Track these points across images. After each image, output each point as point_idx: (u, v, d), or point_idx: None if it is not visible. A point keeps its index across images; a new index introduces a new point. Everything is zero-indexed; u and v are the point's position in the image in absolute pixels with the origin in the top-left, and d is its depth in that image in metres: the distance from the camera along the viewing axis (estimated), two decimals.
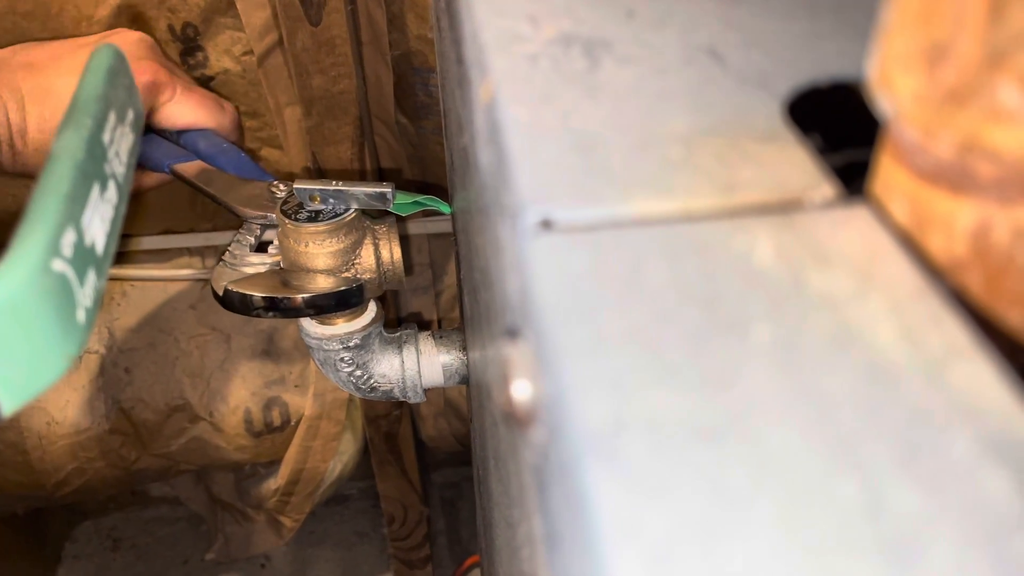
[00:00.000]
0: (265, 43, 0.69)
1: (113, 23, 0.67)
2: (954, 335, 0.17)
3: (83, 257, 0.21)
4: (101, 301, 0.22)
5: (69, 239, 0.21)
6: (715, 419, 0.16)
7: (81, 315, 0.21)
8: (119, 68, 0.25)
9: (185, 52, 0.71)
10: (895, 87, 0.18)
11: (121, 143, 0.25)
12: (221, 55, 0.72)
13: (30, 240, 0.20)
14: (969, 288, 0.19)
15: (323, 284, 0.56)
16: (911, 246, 0.19)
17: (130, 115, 0.26)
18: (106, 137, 0.24)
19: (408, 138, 0.81)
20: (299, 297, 0.55)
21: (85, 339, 0.21)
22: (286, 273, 0.57)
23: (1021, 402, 0.16)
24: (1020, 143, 0.16)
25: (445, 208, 0.59)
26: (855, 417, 0.16)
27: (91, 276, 0.22)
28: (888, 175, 0.20)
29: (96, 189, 0.23)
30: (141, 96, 0.44)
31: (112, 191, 0.24)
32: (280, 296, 0.54)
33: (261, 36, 0.69)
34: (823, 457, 0.15)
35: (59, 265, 0.20)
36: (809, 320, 0.18)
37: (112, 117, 0.24)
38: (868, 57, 0.19)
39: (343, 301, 0.57)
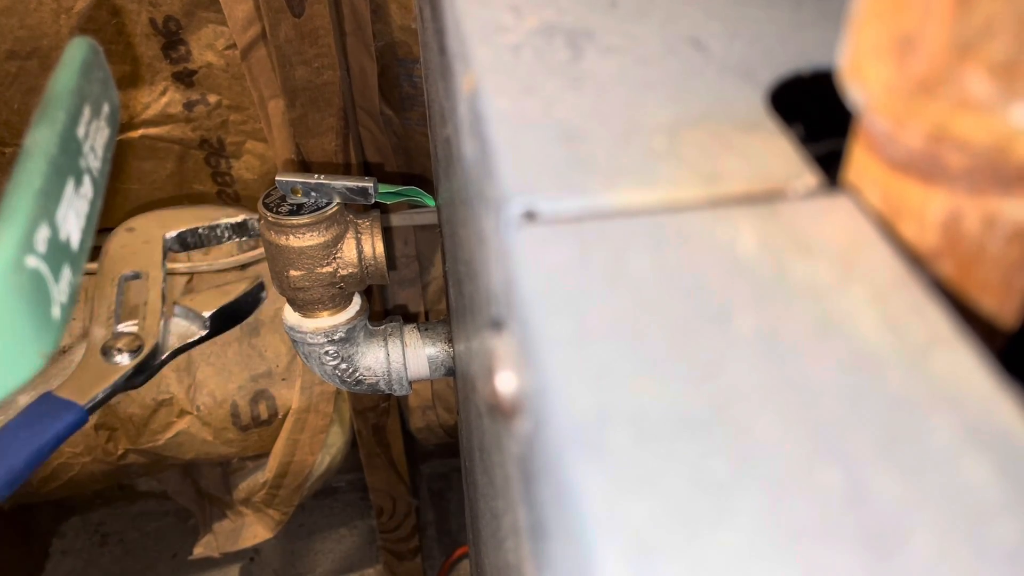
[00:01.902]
0: (248, 36, 0.69)
1: (92, 16, 0.67)
2: (935, 323, 0.17)
3: (58, 253, 0.21)
4: (77, 297, 0.22)
5: (43, 235, 0.20)
6: (698, 409, 0.16)
7: (56, 311, 0.20)
8: (94, 61, 0.25)
9: (167, 46, 0.71)
10: (866, 77, 0.18)
11: (96, 137, 0.24)
12: (204, 49, 0.71)
13: (2, 237, 0.19)
14: (943, 276, 0.19)
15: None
16: (890, 235, 0.19)
17: (105, 109, 0.25)
18: (81, 131, 0.24)
19: (393, 129, 0.81)
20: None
21: (60, 335, 0.21)
22: None
23: (1001, 389, 0.16)
24: (988, 133, 0.16)
25: (429, 201, 0.59)
26: (837, 406, 0.16)
27: (66, 272, 0.21)
28: (861, 165, 0.20)
29: (71, 184, 0.23)
30: None
31: (87, 186, 0.23)
32: None
33: (244, 29, 0.68)
34: (806, 446, 0.15)
35: (33, 261, 0.20)
36: (792, 309, 0.18)
37: (87, 111, 0.24)
38: (840, 47, 0.19)
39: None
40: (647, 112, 0.24)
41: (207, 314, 0.52)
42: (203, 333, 0.52)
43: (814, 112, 0.25)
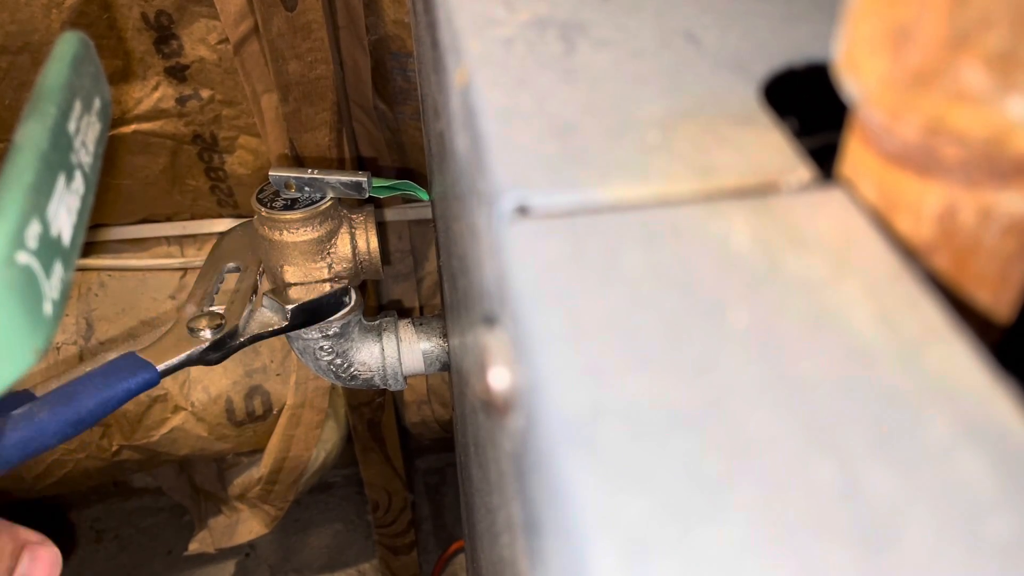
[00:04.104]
0: (240, 30, 0.68)
1: (83, 11, 0.66)
2: (930, 317, 0.17)
3: (49, 249, 0.21)
4: (69, 293, 0.22)
5: (34, 231, 0.20)
6: (692, 405, 0.16)
7: (48, 308, 0.20)
8: (85, 55, 0.25)
9: (159, 41, 0.70)
10: (861, 70, 0.18)
11: (88, 132, 0.24)
12: (196, 44, 0.71)
13: None
14: (939, 269, 0.19)
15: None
16: (884, 228, 0.19)
17: (97, 103, 0.25)
18: (72, 126, 0.23)
19: (387, 123, 0.81)
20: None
21: (53, 332, 0.21)
22: None
23: (996, 384, 0.16)
24: (984, 125, 0.16)
25: (423, 195, 0.59)
26: (831, 401, 0.16)
27: (58, 268, 0.21)
28: (856, 158, 0.20)
29: (62, 180, 0.22)
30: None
31: (79, 181, 0.23)
32: None
33: (236, 23, 0.68)
34: (799, 441, 0.15)
35: (24, 258, 0.20)
36: (786, 304, 0.18)
37: (78, 106, 0.24)
38: (835, 40, 0.19)
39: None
40: (640, 106, 0.24)
41: (290, 307, 0.56)
42: (283, 324, 0.56)
43: (808, 105, 0.25)
